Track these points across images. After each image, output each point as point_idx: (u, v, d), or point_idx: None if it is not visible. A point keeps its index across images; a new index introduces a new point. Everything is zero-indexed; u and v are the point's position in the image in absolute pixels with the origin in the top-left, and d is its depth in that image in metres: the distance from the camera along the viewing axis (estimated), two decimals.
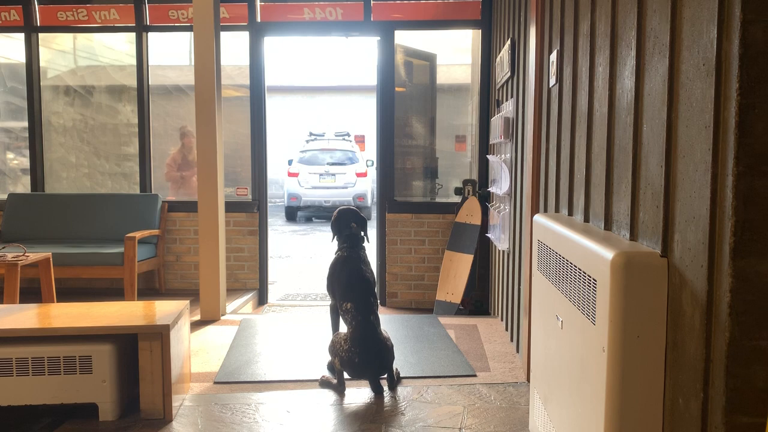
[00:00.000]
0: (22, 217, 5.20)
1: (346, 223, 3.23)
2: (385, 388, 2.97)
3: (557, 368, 1.88)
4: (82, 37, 5.72)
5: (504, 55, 4.10)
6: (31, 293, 4.72)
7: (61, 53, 5.76)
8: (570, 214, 2.31)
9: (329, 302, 3.28)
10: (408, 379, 3.09)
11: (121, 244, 4.70)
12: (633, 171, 1.65)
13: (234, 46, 5.35)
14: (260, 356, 3.46)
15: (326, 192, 11.97)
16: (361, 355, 2.85)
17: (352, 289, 3.00)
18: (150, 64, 5.48)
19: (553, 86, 2.66)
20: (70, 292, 5.19)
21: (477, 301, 5.00)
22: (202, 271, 4.32)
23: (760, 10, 1.13)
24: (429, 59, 5.61)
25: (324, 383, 3.03)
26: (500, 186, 4.16)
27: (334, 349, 2.97)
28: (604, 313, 1.43)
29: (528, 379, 2.99)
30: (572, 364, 1.70)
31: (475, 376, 3.13)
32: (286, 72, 16.89)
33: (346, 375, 2.97)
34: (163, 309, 2.84)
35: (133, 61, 5.47)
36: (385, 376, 2.98)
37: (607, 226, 1.85)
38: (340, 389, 2.95)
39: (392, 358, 2.99)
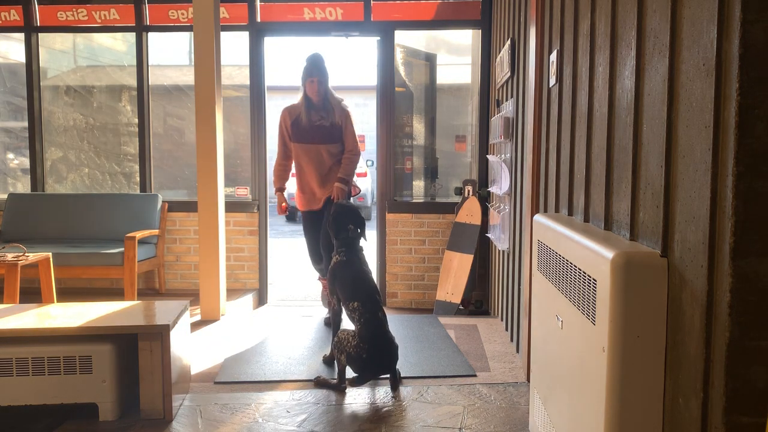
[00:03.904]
0: (22, 217, 5.20)
1: (344, 224, 3.20)
2: (388, 388, 2.97)
3: (557, 368, 1.88)
4: (82, 37, 5.72)
5: (504, 55, 4.10)
6: (31, 293, 4.72)
7: (61, 53, 5.76)
8: (570, 214, 2.31)
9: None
10: (408, 379, 3.09)
11: (121, 244, 4.70)
12: (633, 171, 1.65)
13: (234, 46, 5.35)
14: (260, 356, 3.46)
15: None
16: (370, 351, 2.83)
17: (357, 289, 3.01)
18: (150, 64, 5.48)
19: (553, 86, 2.66)
20: (70, 292, 5.19)
21: (477, 301, 5.00)
22: (202, 271, 4.32)
23: (760, 10, 1.13)
24: (429, 59, 5.61)
25: (321, 383, 3.02)
26: (500, 186, 4.16)
27: (340, 345, 2.96)
28: (604, 313, 1.43)
29: (528, 379, 2.99)
30: (572, 364, 1.70)
31: (475, 376, 3.13)
32: (286, 72, 16.89)
33: (348, 373, 2.97)
34: (163, 309, 2.84)
35: (133, 61, 5.47)
36: (388, 376, 2.98)
37: (607, 226, 1.85)
38: (341, 387, 2.94)
39: (397, 356, 2.99)
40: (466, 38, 5.58)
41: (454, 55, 5.82)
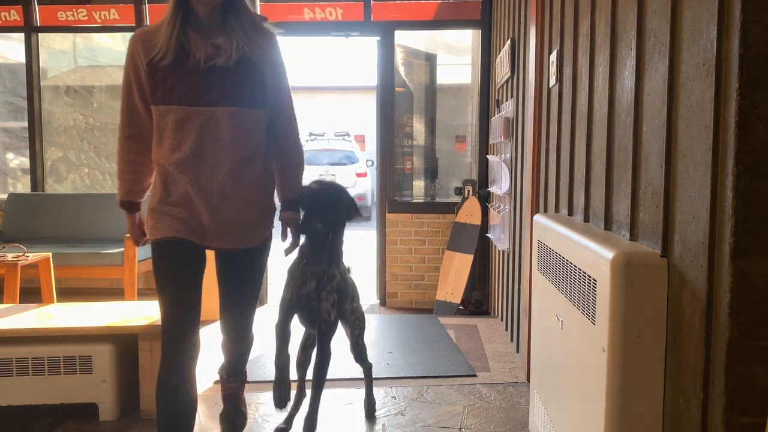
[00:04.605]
0: (22, 217, 5.19)
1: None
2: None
3: (557, 368, 1.88)
4: (82, 37, 5.72)
5: (504, 55, 4.10)
6: (31, 293, 4.72)
7: (61, 53, 5.76)
8: (570, 214, 2.31)
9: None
10: (408, 379, 3.09)
11: (121, 244, 4.69)
12: (633, 171, 1.65)
13: None
14: (260, 356, 3.46)
15: None
16: None
17: None
18: None
19: (553, 86, 2.66)
20: (70, 292, 5.19)
21: (477, 301, 5.00)
22: None
23: (760, 10, 1.13)
24: (429, 59, 5.61)
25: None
26: (500, 186, 4.16)
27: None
28: (604, 313, 1.43)
29: (528, 379, 2.99)
30: (572, 364, 1.70)
31: (475, 376, 3.13)
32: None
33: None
34: None
35: None
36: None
37: (607, 226, 1.85)
38: None
39: None
40: (466, 38, 5.58)
41: (454, 55, 5.83)
